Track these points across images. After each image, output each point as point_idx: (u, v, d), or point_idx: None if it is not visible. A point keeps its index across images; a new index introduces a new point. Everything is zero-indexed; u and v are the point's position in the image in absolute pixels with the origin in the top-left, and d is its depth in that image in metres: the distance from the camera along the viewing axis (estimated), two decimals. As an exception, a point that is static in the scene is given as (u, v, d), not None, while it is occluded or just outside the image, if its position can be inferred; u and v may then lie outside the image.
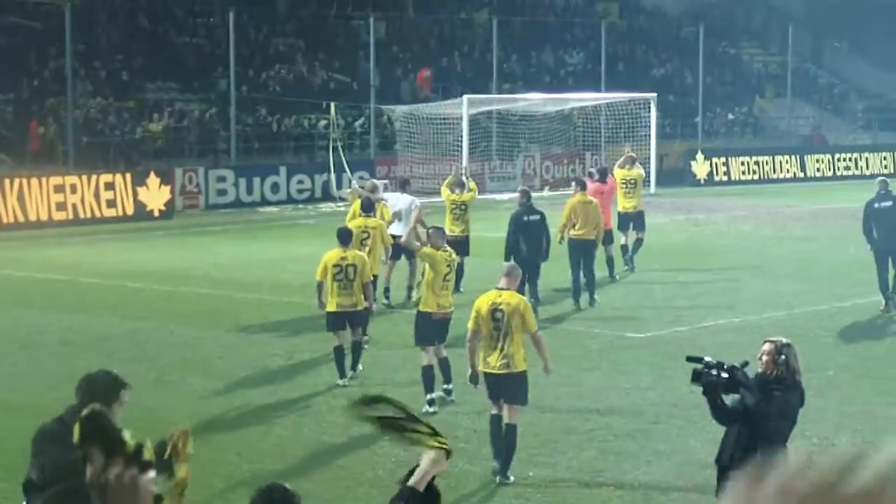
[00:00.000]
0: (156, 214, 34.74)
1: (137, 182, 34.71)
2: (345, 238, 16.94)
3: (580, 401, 15.54)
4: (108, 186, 34.20)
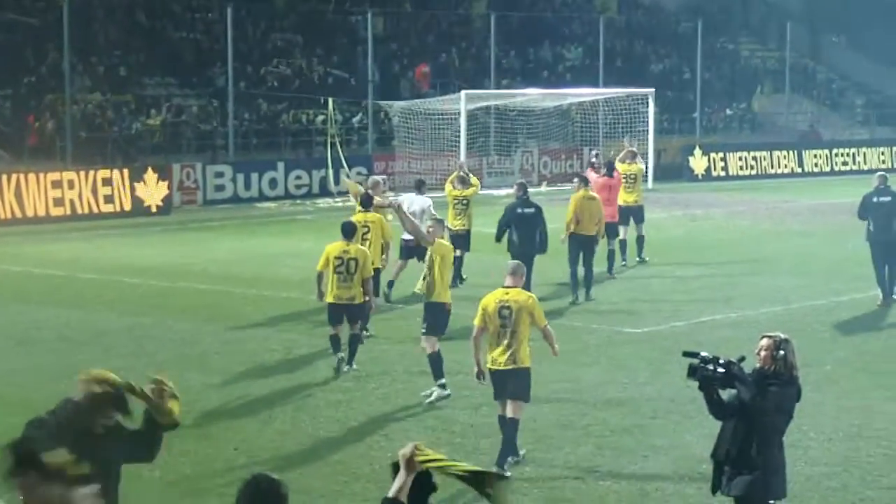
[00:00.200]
0: (153, 210, 34.74)
1: (135, 178, 34.70)
2: (349, 231, 17.09)
3: (577, 396, 15.56)
4: (106, 182, 34.20)
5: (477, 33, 50.69)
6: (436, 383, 15.28)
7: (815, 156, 49.87)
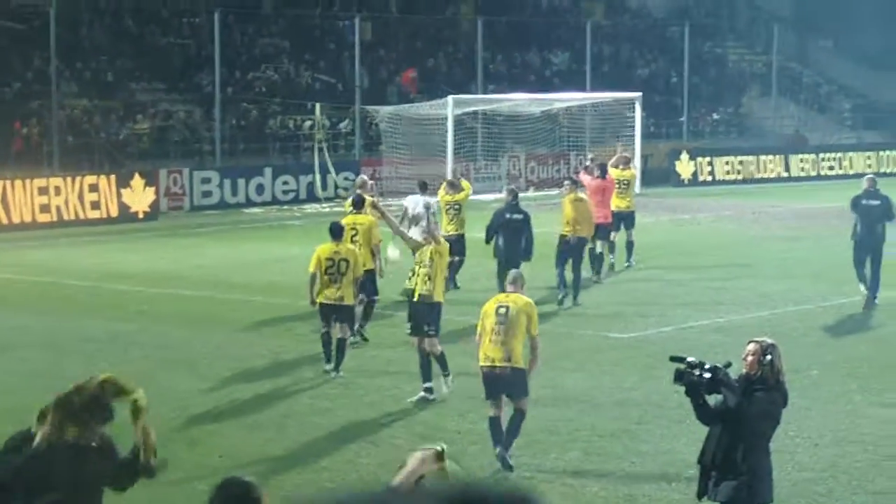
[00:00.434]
0: (140, 216, 34.63)
1: (122, 183, 34.59)
2: (337, 232, 17.12)
3: (564, 401, 15.55)
4: (93, 188, 34.11)
5: (464, 38, 50.69)
6: (443, 373, 15.52)
7: (802, 160, 49.91)
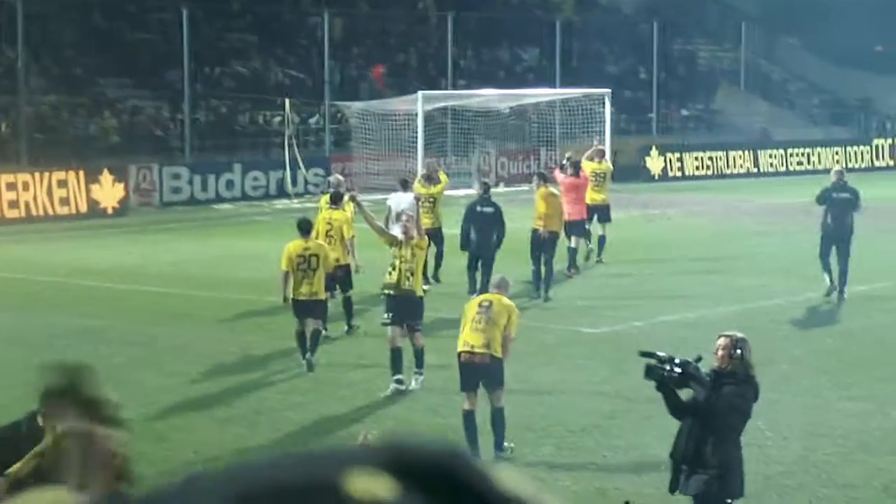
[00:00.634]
0: (109, 212, 34.50)
1: (91, 179, 34.45)
2: (305, 228, 17.12)
3: (535, 396, 15.57)
4: (62, 184, 33.94)
5: (434, 34, 50.66)
6: (417, 370, 15.66)
7: (771, 156, 50.14)
